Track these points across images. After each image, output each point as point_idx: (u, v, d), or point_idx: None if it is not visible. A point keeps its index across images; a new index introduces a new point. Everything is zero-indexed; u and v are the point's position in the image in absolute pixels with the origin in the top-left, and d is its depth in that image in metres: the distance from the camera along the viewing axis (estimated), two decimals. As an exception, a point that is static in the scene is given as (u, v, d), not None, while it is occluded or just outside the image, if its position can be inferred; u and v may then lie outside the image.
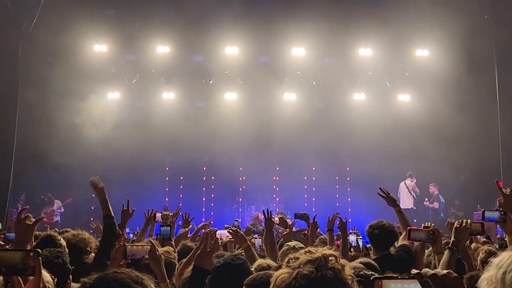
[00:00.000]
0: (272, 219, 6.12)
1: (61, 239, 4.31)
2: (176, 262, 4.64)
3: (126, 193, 16.97)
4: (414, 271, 1.74)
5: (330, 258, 2.05)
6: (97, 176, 5.16)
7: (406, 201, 16.44)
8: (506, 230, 4.07)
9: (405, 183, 16.75)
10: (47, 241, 4.20)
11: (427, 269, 1.72)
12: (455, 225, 3.89)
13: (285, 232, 6.21)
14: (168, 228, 5.78)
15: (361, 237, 6.92)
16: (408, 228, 4.39)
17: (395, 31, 15.98)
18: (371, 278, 1.81)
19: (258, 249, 5.80)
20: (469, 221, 3.91)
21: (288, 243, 4.97)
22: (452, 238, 3.83)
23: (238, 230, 4.89)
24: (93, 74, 16.23)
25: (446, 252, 3.78)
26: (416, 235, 4.24)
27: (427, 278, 1.67)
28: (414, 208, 16.68)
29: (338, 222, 6.26)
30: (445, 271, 1.70)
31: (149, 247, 3.33)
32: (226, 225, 4.98)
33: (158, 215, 6.48)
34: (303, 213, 7.78)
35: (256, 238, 6.25)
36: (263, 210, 5.98)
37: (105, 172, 17.23)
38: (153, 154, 17.20)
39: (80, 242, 4.16)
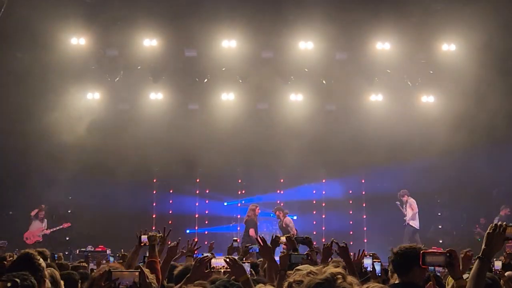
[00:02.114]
0: (278, 239, 6.11)
1: (40, 259, 4.29)
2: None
3: (105, 209, 17.21)
4: None
5: (337, 276, 2.12)
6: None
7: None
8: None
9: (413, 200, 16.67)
10: (24, 261, 4.20)
11: None
12: (487, 231, 3.74)
13: (281, 254, 6.18)
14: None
15: (379, 260, 6.92)
16: (422, 251, 4.29)
17: (417, 23, 16.03)
18: None
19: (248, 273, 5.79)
20: (504, 223, 3.73)
21: (298, 268, 4.97)
22: (483, 246, 3.66)
23: (236, 260, 4.86)
24: (69, 71, 16.28)
25: (476, 263, 3.64)
26: (432, 259, 4.13)
27: None
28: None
29: (336, 248, 6.30)
30: None
31: (137, 273, 3.34)
32: (224, 257, 4.92)
33: (144, 237, 6.38)
34: (304, 236, 7.77)
35: (244, 263, 6.22)
36: (256, 238, 5.93)
37: (80, 185, 17.42)
38: (139, 164, 17.19)
39: None
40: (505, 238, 3.71)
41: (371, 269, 6.38)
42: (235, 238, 10.58)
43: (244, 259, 8.10)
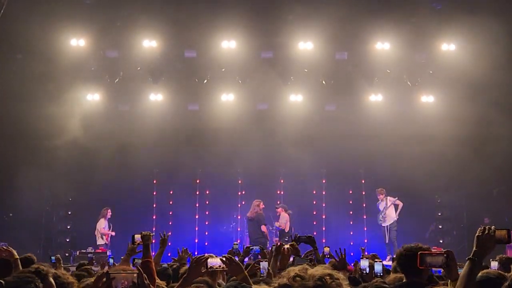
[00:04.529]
0: (281, 246, 6.22)
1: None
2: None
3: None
4: None
5: (325, 278, 2.13)
6: None
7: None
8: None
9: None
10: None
11: None
12: (476, 234, 3.75)
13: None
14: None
15: (379, 259, 6.94)
16: (420, 252, 4.27)
17: (417, 23, 16.04)
18: None
19: (263, 273, 5.88)
20: (493, 227, 3.75)
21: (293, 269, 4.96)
22: (474, 248, 3.69)
23: (232, 258, 4.87)
24: (69, 72, 16.27)
25: (467, 264, 3.66)
26: (431, 260, 4.10)
27: None
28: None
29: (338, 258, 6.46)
30: None
31: (136, 274, 3.32)
32: (222, 256, 4.91)
33: (137, 236, 6.34)
34: (307, 235, 7.79)
35: (262, 261, 6.30)
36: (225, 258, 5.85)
37: (79, 186, 17.43)
38: (139, 165, 17.19)
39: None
40: (495, 241, 3.74)
41: (367, 272, 6.43)
42: (235, 242, 10.58)
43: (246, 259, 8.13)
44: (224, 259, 4.73)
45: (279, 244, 6.49)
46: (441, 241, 18.09)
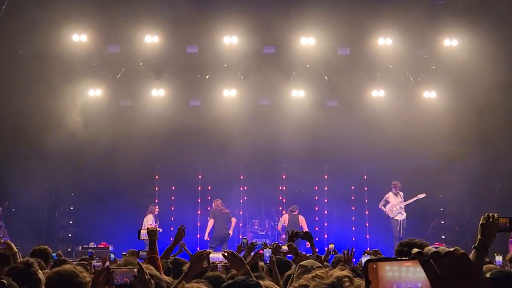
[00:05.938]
0: (279, 248, 6.29)
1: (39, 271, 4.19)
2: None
3: (107, 206, 17.23)
4: (414, 250, 1.67)
5: (344, 280, 2.08)
6: None
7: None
8: None
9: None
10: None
11: (429, 247, 1.65)
12: (481, 222, 3.83)
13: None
14: None
15: (382, 255, 6.93)
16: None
17: (419, 18, 15.98)
18: (364, 262, 1.76)
19: (268, 261, 5.94)
20: (496, 215, 3.82)
21: (302, 263, 4.94)
22: (479, 236, 3.76)
23: (235, 253, 4.87)
24: (71, 68, 16.26)
25: (473, 252, 3.70)
26: None
27: (429, 257, 1.61)
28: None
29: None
30: (450, 248, 1.63)
31: (136, 269, 3.31)
32: (224, 251, 4.91)
33: (143, 232, 6.30)
34: (304, 231, 7.84)
35: (266, 248, 6.33)
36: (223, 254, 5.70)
37: (82, 182, 17.43)
38: (141, 161, 17.18)
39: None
40: (497, 229, 3.81)
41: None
42: (245, 237, 10.51)
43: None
44: (225, 254, 4.73)
45: (275, 245, 6.61)
46: (443, 237, 18.07)
